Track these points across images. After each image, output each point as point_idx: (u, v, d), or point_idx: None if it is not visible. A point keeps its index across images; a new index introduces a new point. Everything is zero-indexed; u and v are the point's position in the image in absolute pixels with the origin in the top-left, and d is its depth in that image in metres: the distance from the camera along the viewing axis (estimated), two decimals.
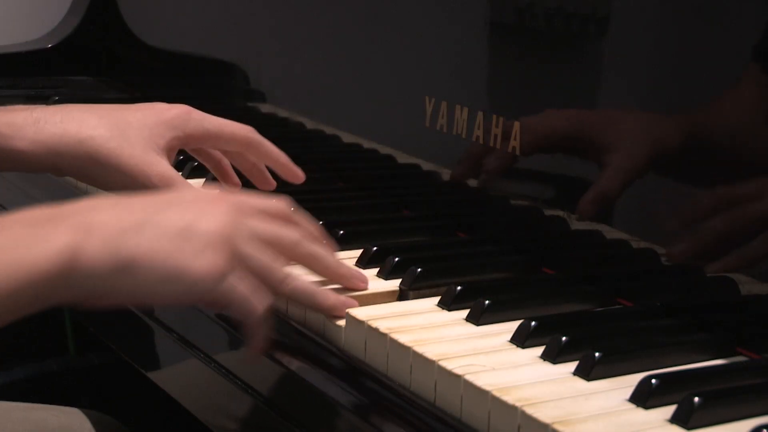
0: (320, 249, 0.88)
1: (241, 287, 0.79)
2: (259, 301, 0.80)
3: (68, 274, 0.72)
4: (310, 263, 0.87)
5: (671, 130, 0.94)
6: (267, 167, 1.09)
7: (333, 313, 0.87)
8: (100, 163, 0.99)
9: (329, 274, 0.89)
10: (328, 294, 0.87)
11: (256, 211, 0.83)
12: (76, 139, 0.99)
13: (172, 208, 0.79)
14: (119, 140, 0.99)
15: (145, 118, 1.02)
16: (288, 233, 0.85)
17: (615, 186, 0.98)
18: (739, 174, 0.89)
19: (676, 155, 0.94)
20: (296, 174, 1.07)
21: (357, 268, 0.92)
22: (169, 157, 1.02)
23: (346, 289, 0.90)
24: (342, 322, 0.86)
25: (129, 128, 1.01)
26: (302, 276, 0.86)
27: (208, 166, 1.11)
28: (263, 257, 0.81)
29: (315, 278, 0.90)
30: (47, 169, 1.02)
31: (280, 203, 0.87)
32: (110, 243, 0.74)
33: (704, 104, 0.93)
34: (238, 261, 0.79)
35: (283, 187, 1.14)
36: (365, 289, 0.90)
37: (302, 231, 0.86)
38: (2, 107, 1.03)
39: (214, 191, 0.84)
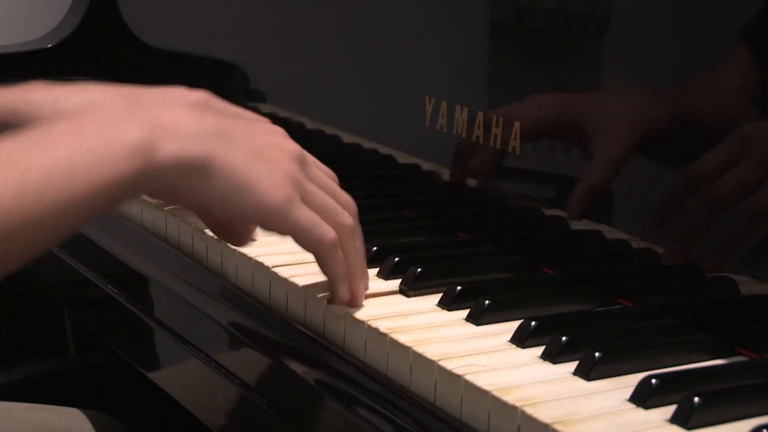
0: (362, 248, 0.87)
1: (308, 215, 0.80)
2: (327, 230, 0.81)
3: (144, 171, 0.73)
4: (352, 238, 0.86)
5: (660, 122, 0.94)
6: None
7: (337, 298, 0.86)
8: None
9: (355, 257, 0.87)
10: (347, 286, 0.86)
11: (317, 164, 0.85)
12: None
13: (248, 128, 0.81)
14: None
15: (165, 100, 1.02)
16: (343, 194, 0.85)
17: (601, 179, 0.98)
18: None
19: (667, 149, 0.94)
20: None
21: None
22: None
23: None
24: (342, 322, 0.86)
25: (146, 107, 1.01)
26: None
27: None
28: (326, 197, 0.83)
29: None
30: None
31: (332, 173, 0.88)
32: (187, 143, 0.75)
33: (704, 103, 0.93)
34: (302, 195, 0.80)
35: None
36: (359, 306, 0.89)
37: (355, 209, 0.87)
38: (20, 86, 1.03)
39: (279, 128, 0.85)
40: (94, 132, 0.73)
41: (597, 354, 0.76)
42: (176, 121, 0.76)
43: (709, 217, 0.90)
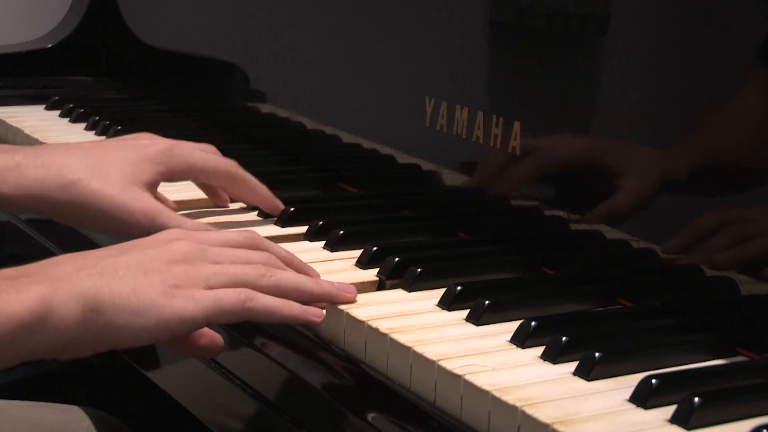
0: (291, 276, 0.85)
1: (209, 295, 0.79)
2: (235, 293, 0.80)
3: (42, 324, 0.73)
4: (285, 292, 0.84)
5: (679, 153, 0.94)
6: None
7: (333, 300, 0.86)
8: (83, 206, 0.99)
9: (311, 297, 0.85)
10: (320, 281, 0.86)
11: (222, 243, 0.85)
12: (57, 184, 0.99)
13: (133, 250, 0.81)
14: (100, 181, 0.99)
15: (127, 156, 1.03)
16: (253, 266, 0.84)
17: (625, 208, 0.97)
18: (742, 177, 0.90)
19: (682, 169, 0.94)
20: (277, 207, 1.08)
21: (340, 282, 0.89)
22: (153, 192, 1.03)
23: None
24: (342, 323, 0.86)
25: (110, 167, 1.01)
26: (285, 271, 0.85)
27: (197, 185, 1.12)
28: (231, 268, 0.82)
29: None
30: (30, 212, 1.03)
31: (247, 233, 0.88)
32: (75, 289, 0.75)
33: (705, 105, 0.93)
34: (205, 283, 0.80)
35: (280, 188, 1.14)
36: (353, 300, 0.88)
37: (271, 258, 0.86)
38: None
39: (174, 230, 0.85)
40: None
41: (597, 354, 0.76)
42: (61, 273, 0.76)
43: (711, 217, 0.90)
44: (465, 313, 0.87)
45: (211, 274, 0.81)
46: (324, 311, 0.85)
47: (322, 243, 1.03)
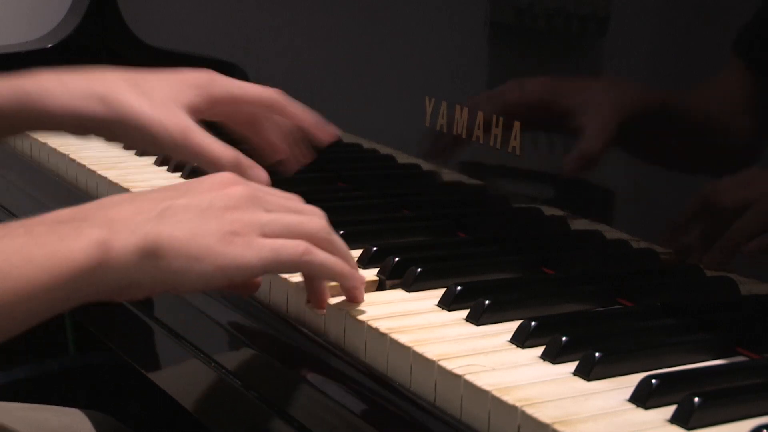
0: (340, 244, 0.86)
1: (268, 244, 0.79)
2: (294, 245, 0.80)
3: (101, 267, 0.74)
4: (335, 251, 0.85)
5: (659, 121, 0.95)
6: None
7: (353, 295, 0.86)
8: (121, 120, 1.00)
9: (345, 273, 0.86)
10: (355, 272, 0.86)
11: (272, 194, 0.85)
12: (98, 96, 1.00)
13: (189, 194, 0.81)
14: (139, 95, 1.00)
15: (168, 78, 1.03)
16: (309, 210, 0.85)
17: (596, 146, 0.98)
18: (738, 171, 0.90)
19: (666, 149, 0.94)
20: (329, 131, 1.07)
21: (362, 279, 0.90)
22: (192, 117, 1.02)
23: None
24: (342, 322, 0.86)
25: (149, 86, 1.01)
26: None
27: (237, 130, 1.11)
28: (285, 218, 0.82)
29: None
30: (70, 129, 1.03)
31: (296, 196, 0.88)
32: (134, 233, 0.75)
33: (704, 103, 0.93)
34: (261, 229, 0.80)
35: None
36: (362, 300, 0.89)
37: (319, 210, 0.87)
38: (28, 73, 1.04)
39: (229, 174, 0.85)
40: (46, 231, 0.74)
41: (597, 354, 0.76)
42: (119, 215, 0.77)
43: (710, 217, 0.90)
44: (465, 313, 0.87)
45: (268, 222, 0.81)
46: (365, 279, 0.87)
47: None
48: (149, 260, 0.76)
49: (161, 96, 1.00)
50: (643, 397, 0.72)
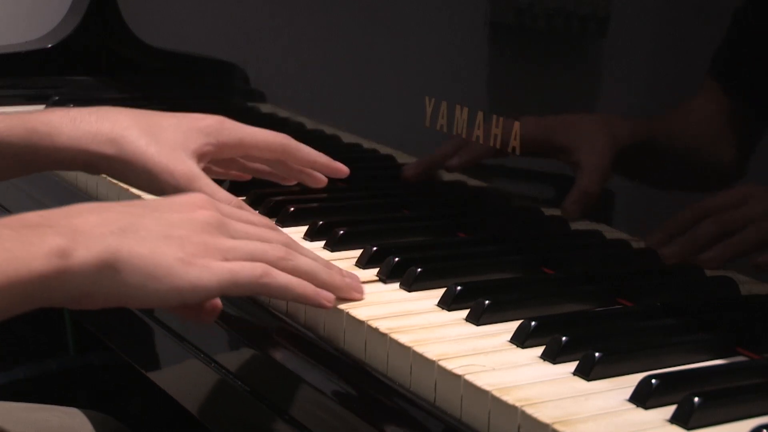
0: (306, 262, 0.86)
1: (226, 267, 0.79)
2: (251, 267, 0.80)
3: (59, 275, 0.73)
4: (300, 275, 0.85)
5: (680, 153, 0.95)
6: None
7: (324, 306, 0.85)
8: (129, 161, 1.00)
9: (323, 286, 0.86)
10: (334, 274, 0.86)
11: (242, 219, 0.85)
12: (108, 137, 1.01)
13: (156, 213, 0.81)
14: (149, 139, 1.00)
15: (179, 124, 1.03)
16: (275, 238, 0.85)
17: (595, 184, 0.98)
18: (732, 174, 0.90)
19: (666, 149, 0.95)
20: (340, 170, 1.08)
21: (353, 276, 0.90)
22: (199, 163, 1.03)
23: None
24: (342, 323, 0.86)
25: (161, 130, 1.02)
26: (302, 256, 0.85)
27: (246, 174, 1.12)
28: (249, 245, 0.82)
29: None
30: (80, 168, 1.04)
31: (264, 218, 0.89)
32: (96, 245, 0.75)
33: (706, 105, 0.93)
34: (224, 254, 0.80)
35: (278, 187, 1.14)
36: (361, 299, 0.89)
37: (289, 239, 0.87)
38: (39, 110, 1.05)
39: (201, 196, 0.85)
40: (10, 234, 0.73)
41: (597, 354, 0.76)
42: (84, 225, 0.76)
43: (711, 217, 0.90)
44: (465, 313, 0.87)
45: (230, 248, 0.81)
46: (334, 296, 0.86)
47: (322, 243, 1.03)
48: (107, 273, 0.75)
49: (171, 141, 1.01)
50: (643, 397, 0.72)
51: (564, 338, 0.79)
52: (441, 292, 0.90)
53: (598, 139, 0.99)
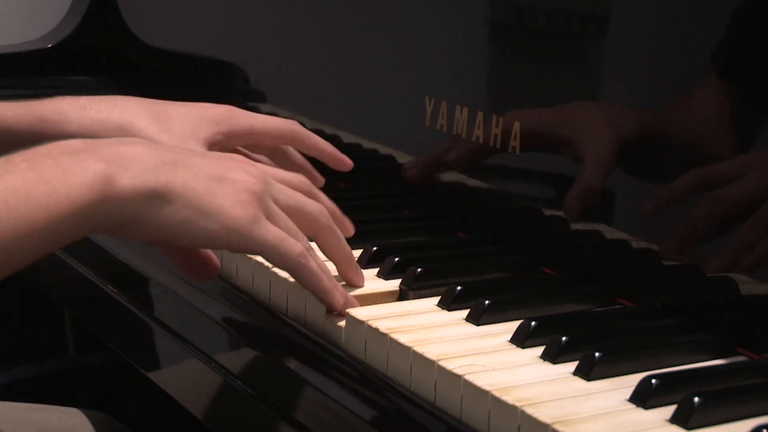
0: (338, 230, 0.88)
1: (274, 231, 0.80)
2: (294, 243, 0.81)
3: (104, 201, 0.73)
4: (329, 239, 0.87)
5: (681, 152, 0.95)
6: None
7: (334, 308, 0.86)
8: None
9: (342, 257, 0.89)
10: (337, 287, 0.87)
11: (282, 179, 0.86)
12: (117, 124, 1.00)
13: (206, 157, 0.81)
14: (158, 127, 1.00)
15: (188, 112, 1.03)
16: (312, 203, 0.86)
17: (598, 179, 0.98)
18: (734, 171, 0.90)
19: (666, 148, 0.95)
20: (344, 162, 1.08)
21: (351, 296, 0.91)
22: (210, 150, 1.02)
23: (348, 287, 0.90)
24: (342, 322, 0.86)
25: (170, 119, 1.02)
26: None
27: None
28: (288, 220, 0.83)
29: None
30: None
31: (303, 177, 0.89)
32: (146, 173, 0.75)
33: (706, 105, 0.93)
34: (269, 212, 0.81)
35: None
36: (361, 286, 0.90)
37: (324, 206, 0.88)
38: (48, 99, 1.04)
39: (244, 158, 0.86)
40: (51, 163, 0.73)
41: (597, 354, 0.76)
42: (133, 154, 0.76)
43: (710, 217, 0.90)
44: (465, 313, 0.87)
45: (276, 199, 0.82)
46: (347, 301, 0.87)
47: None
48: (157, 202, 0.75)
49: (181, 130, 1.01)
50: (643, 397, 0.72)
51: (564, 338, 0.79)
52: (441, 292, 0.90)
53: (602, 132, 0.99)
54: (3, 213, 0.70)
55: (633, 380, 0.74)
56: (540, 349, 0.80)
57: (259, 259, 0.96)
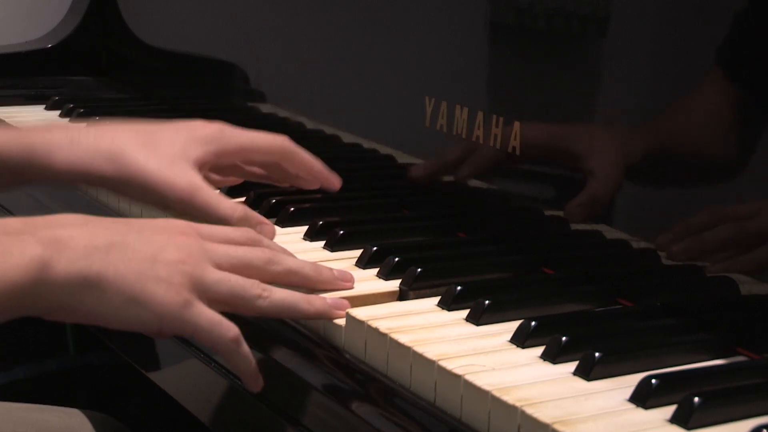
0: (294, 262, 0.88)
1: (208, 315, 0.80)
2: (227, 327, 0.80)
3: (37, 286, 0.73)
4: (288, 278, 0.87)
5: (681, 153, 0.95)
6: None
7: (325, 317, 0.86)
8: (128, 178, 0.99)
9: (311, 283, 0.88)
10: (314, 300, 0.86)
11: (223, 239, 0.85)
12: (106, 156, 1.00)
13: (142, 234, 0.81)
14: (148, 152, 1.00)
15: (177, 135, 1.03)
16: (257, 253, 0.86)
17: (604, 192, 0.98)
18: (735, 175, 0.90)
19: (684, 168, 0.95)
20: (332, 182, 1.07)
21: (340, 270, 0.91)
22: (202, 172, 1.02)
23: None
24: (342, 322, 0.86)
25: (159, 143, 1.01)
26: (280, 289, 0.86)
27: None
28: (232, 280, 0.82)
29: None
30: (79, 184, 1.03)
31: (245, 230, 0.89)
32: (80, 259, 0.75)
33: (706, 105, 0.93)
34: (205, 291, 0.80)
35: (278, 187, 1.14)
36: (351, 288, 0.90)
37: (271, 251, 0.87)
38: (38, 126, 1.04)
39: (181, 222, 0.85)
40: None
41: (597, 354, 0.76)
42: (69, 238, 0.76)
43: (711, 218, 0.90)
44: (465, 313, 0.87)
45: (214, 281, 0.81)
46: (347, 302, 0.87)
47: (322, 243, 1.03)
48: (89, 290, 0.75)
49: (170, 152, 1.00)
50: (643, 397, 0.72)
51: (564, 338, 0.79)
52: (441, 292, 0.90)
53: (611, 149, 0.99)
54: None
55: (633, 380, 0.74)
56: (540, 349, 0.80)
57: None
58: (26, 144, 0.99)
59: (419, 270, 0.92)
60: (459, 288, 0.88)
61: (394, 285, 0.93)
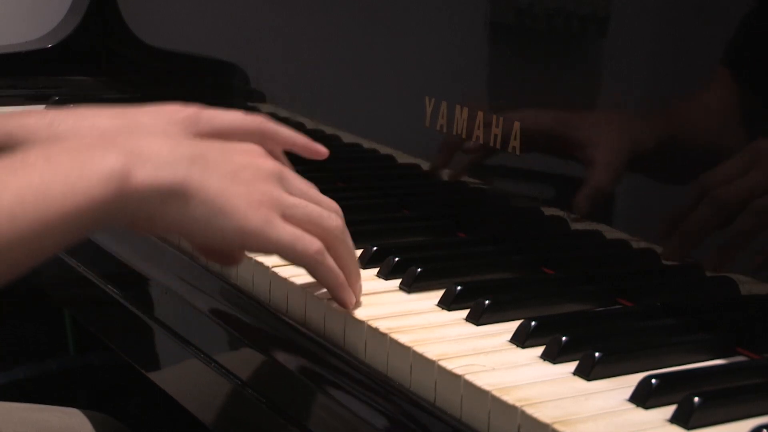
0: (354, 257, 0.87)
1: (289, 230, 0.80)
2: (310, 241, 0.81)
3: (120, 197, 0.73)
4: (341, 251, 0.85)
5: (659, 122, 0.95)
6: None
7: (346, 305, 0.86)
8: None
9: (338, 282, 0.86)
10: (349, 293, 0.86)
11: (296, 177, 0.85)
12: None
13: (223, 152, 0.81)
14: (126, 136, 0.99)
15: (157, 118, 1.02)
16: (328, 207, 0.85)
17: (608, 180, 0.98)
18: (737, 171, 0.90)
19: (667, 148, 0.95)
20: (318, 151, 1.07)
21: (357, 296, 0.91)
22: None
23: None
24: (342, 322, 0.86)
25: (139, 128, 1.01)
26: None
27: None
28: (309, 206, 0.83)
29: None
30: None
31: (312, 185, 0.88)
32: (163, 169, 0.75)
33: (706, 106, 0.93)
34: (283, 211, 0.80)
35: None
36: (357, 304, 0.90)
37: (338, 208, 0.87)
38: (14, 112, 1.03)
39: (258, 147, 0.85)
40: (68, 159, 0.73)
41: (597, 354, 0.76)
42: (151, 148, 0.76)
43: (711, 217, 0.90)
44: (465, 313, 0.87)
45: (291, 205, 0.81)
46: (355, 301, 0.87)
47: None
48: (173, 200, 0.75)
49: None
50: (643, 397, 0.72)
51: (564, 338, 0.79)
52: (441, 292, 0.90)
53: (615, 136, 0.99)
54: (19, 211, 0.69)
55: (633, 380, 0.74)
56: (540, 349, 0.80)
57: (260, 258, 0.96)
58: (3, 132, 0.98)
59: (419, 270, 0.92)
60: (459, 288, 0.88)
61: (394, 285, 0.93)
